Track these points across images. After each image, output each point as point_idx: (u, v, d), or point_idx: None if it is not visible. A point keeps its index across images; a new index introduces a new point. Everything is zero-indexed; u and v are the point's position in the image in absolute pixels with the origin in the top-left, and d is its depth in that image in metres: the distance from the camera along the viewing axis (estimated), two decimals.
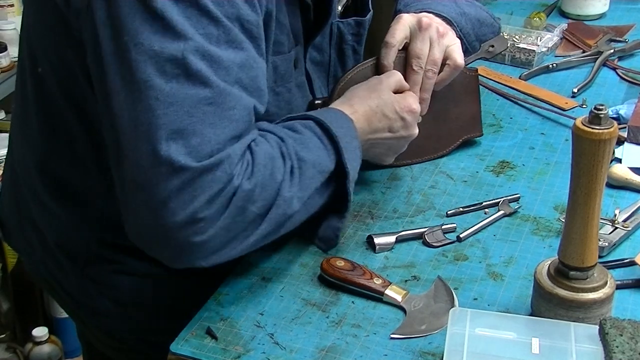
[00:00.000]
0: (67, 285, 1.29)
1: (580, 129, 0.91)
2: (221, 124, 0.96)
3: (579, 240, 0.95)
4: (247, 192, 0.98)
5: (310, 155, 1.08)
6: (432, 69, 1.26)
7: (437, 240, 1.18)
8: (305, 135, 1.10)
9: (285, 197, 1.03)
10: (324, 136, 1.11)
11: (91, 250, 1.23)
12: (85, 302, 1.29)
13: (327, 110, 1.19)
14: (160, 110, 0.94)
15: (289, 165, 1.05)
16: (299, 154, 1.07)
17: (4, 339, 2.54)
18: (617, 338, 0.89)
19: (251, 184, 0.99)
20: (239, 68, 0.98)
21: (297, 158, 1.06)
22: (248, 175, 0.99)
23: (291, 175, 1.04)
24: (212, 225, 0.97)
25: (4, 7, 2.81)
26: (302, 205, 1.06)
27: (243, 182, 0.98)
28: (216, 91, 0.96)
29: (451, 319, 0.95)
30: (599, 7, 1.96)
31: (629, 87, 1.63)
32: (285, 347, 1.00)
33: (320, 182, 1.09)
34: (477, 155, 1.40)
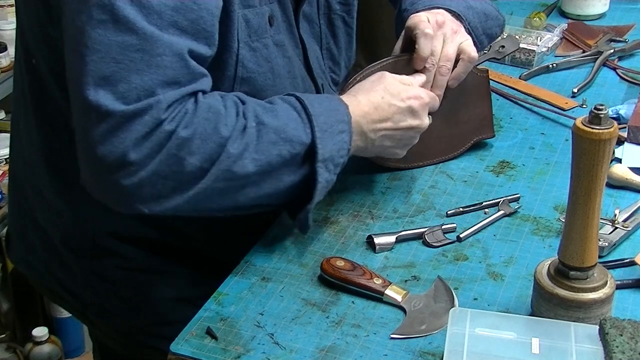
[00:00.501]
0: (72, 286, 1.30)
1: (580, 129, 0.91)
2: (149, 71, 0.97)
3: (579, 240, 0.95)
4: (182, 140, 0.99)
5: (274, 121, 1.07)
6: (445, 65, 1.26)
7: (437, 240, 1.18)
8: (277, 105, 1.10)
9: (231, 153, 1.02)
10: (303, 111, 1.10)
11: (97, 244, 1.24)
12: (92, 302, 1.30)
13: (320, 94, 1.20)
14: (88, 57, 0.96)
15: (241, 124, 1.04)
16: (259, 117, 1.06)
17: (4, 339, 2.54)
18: (617, 338, 0.89)
19: (188, 133, 0.99)
20: (174, 11, 0.98)
21: (256, 121, 1.06)
22: (185, 124, 0.99)
23: (242, 133, 1.04)
24: (142, 169, 0.98)
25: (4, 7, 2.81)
26: (258, 169, 1.05)
27: (178, 129, 0.99)
28: (143, 37, 0.97)
29: (451, 319, 0.95)
30: (599, 7, 1.96)
31: (629, 87, 1.63)
32: (285, 347, 1.00)
33: (288, 152, 1.08)
34: (477, 155, 1.40)
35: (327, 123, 1.11)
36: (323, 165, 1.10)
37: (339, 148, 1.12)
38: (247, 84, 1.15)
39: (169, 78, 0.99)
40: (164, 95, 0.98)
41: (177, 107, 1.00)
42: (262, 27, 1.15)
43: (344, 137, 1.13)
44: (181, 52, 0.99)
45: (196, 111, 1.01)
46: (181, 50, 0.99)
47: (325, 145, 1.10)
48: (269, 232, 1.21)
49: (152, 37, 0.97)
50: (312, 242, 1.19)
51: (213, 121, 1.02)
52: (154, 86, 0.97)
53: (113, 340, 1.38)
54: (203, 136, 1.01)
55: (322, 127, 1.10)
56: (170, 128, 0.98)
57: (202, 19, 1.01)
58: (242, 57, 1.13)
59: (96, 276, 1.26)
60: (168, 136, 0.98)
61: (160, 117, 0.97)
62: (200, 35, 1.02)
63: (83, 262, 1.26)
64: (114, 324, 1.32)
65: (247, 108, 1.07)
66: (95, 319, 1.35)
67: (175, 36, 0.99)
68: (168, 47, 0.98)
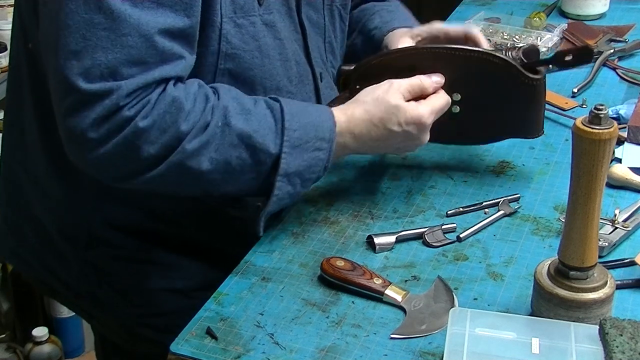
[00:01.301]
0: (66, 276, 1.30)
1: (580, 129, 0.91)
2: (113, 50, 1.00)
3: (579, 240, 0.95)
4: (139, 129, 1.02)
5: (242, 125, 1.08)
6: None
7: (437, 240, 1.18)
8: (257, 108, 1.11)
9: (186, 149, 1.05)
10: (280, 121, 1.11)
11: (92, 233, 1.25)
12: (87, 292, 1.30)
13: (311, 105, 1.18)
14: (60, 31, 1.00)
15: (204, 121, 1.06)
16: (228, 117, 1.08)
17: (4, 339, 2.54)
18: (617, 338, 0.89)
19: (146, 123, 1.02)
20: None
21: (223, 121, 1.07)
22: (145, 114, 1.03)
23: (202, 131, 1.06)
24: (101, 147, 1.03)
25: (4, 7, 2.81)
26: (214, 168, 1.08)
27: (137, 118, 1.02)
28: (110, 17, 0.99)
29: (451, 319, 0.95)
30: (599, 7, 1.96)
31: (629, 87, 1.63)
32: (285, 347, 1.00)
33: (249, 157, 1.09)
34: (477, 155, 1.40)
35: (301, 139, 1.11)
36: (285, 179, 1.11)
37: (310, 165, 1.13)
38: (232, 60, 1.15)
39: (134, 58, 1.01)
40: (127, 79, 1.01)
41: (141, 95, 1.02)
42: (248, 4, 1.15)
43: (319, 155, 1.13)
44: (148, 33, 1.01)
45: (158, 102, 1.03)
46: (149, 30, 1.01)
47: (292, 161, 1.11)
48: (269, 232, 1.21)
49: (119, 17, 0.99)
50: (312, 242, 1.19)
51: (174, 114, 1.04)
52: (117, 65, 1.00)
53: (109, 330, 1.39)
54: (161, 128, 1.04)
55: (294, 143, 1.11)
56: (129, 114, 1.02)
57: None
58: (226, 32, 1.13)
59: (90, 266, 1.27)
60: (126, 122, 1.02)
61: (119, 102, 1.01)
62: (177, 7, 1.03)
63: (78, 251, 1.27)
64: (108, 314, 1.33)
65: (218, 105, 1.08)
66: (91, 309, 1.36)
67: (149, 10, 1.01)
68: (135, 27, 1.00)
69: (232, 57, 1.15)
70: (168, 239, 1.27)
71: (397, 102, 1.17)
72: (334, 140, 1.15)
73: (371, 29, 1.41)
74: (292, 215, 1.24)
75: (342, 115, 1.17)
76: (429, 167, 1.36)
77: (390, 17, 1.42)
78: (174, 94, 1.04)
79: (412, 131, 1.18)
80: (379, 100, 1.17)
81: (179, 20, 1.04)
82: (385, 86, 1.19)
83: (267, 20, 1.18)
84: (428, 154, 1.40)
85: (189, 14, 1.05)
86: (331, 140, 1.14)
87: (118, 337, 1.39)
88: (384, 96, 1.17)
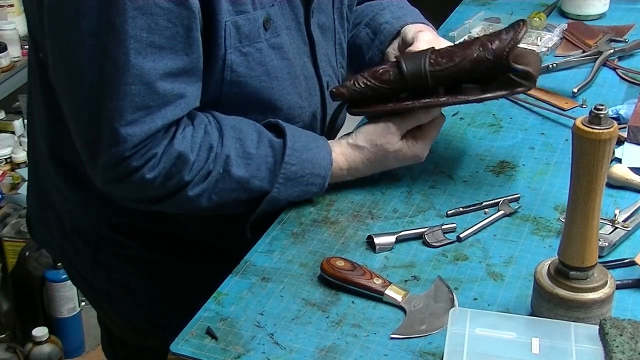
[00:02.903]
0: (82, 269, 1.36)
1: (580, 129, 0.91)
2: (118, 96, 1.06)
3: (579, 240, 0.95)
4: (147, 180, 1.11)
5: (241, 172, 1.15)
6: None
7: (437, 240, 1.18)
8: (258, 151, 1.16)
9: (189, 195, 1.14)
10: (280, 159, 1.17)
11: (101, 232, 1.29)
12: (99, 287, 1.36)
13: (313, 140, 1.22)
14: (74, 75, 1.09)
15: (206, 170, 1.13)
16: (229, 164, 1.14)
17: (4, 339, 2.54)
18: (617, 338, 0.89)
19: (152, 175, 1.11)
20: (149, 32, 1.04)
21: (224, 168, 1.14)
22: (152, 166, 1.10)
23: (204, 179, 1.14)
24: (110, 185, 1.13)
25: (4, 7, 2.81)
26: (212, 205, 1.17)
27: (144, 170, 1.10)
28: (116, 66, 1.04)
29: (451, 319, 0.95)
30: (599, 7, 1.96)
31: (629, 87, 1.63)
32: (285, 347, 1.00)
33: (246, 197, 1.18)
34: (477, 155, 1.40)
35: (297, 173, 1.19)
36: (272, 201, 1.19)
37: (299, 195, 1.22)
38: (238, 86, 1.17)
39: (138, 105, 1.06)
40: (131, 129, 1.07)
41: (147, 146, 1.09)
42: (254, 32, 1.16)
43: (310, 189, 1.22)
44: (150, 81, 1.06)
45: (164, 156, 1.10)
46: (151, 78, 1.06)
47: (284, 191, 1.19)
48: (269, 232, 1.21)
49: (124, 67, 1.04)
50: (312, 242, 1.19)
51: (179, 166, 1.11)
52: (123, 111, 1.06)
53: (118, 326, 1.42)
54: (167, 177, 1.11)
55: (290, 176, 1.18)
56: (137, 165, 1.09)
57: (177, 35, 1.07)
58: (231, 62, 1.15)
59: (100, 263, 1.32)
60: (133, 171, 1.10)
61: (124, 153, 1.08)
62: (177, 47, 1.07)
63: (89, 248, 1.31)
64: (117, 310, 1.38)
65: (221, 154, 1.14)
66: (102, 303, 1.41)
67: (152, 56, 1.05)
68: (138, 76, 1.05)
69: (237, 84, 1.17)
70: (173, 241, 1.29)
71: (394, 147, 1.25)
72: (328, 178, 1.23)
73: (382, 22, 1.42)
74: (292, 215, 1.25)
75: (342, 157, 1.25)
76: (429, 167, 1.36)
77: (402, 12, 1.44)
78: (180, 148, 1.11)
79: (410, 162, 1.28)
80: (378, 147, 1.25)
81: (179, 60, 1.08)
82: (383, 132, 1.25)
83: (274, 43, 1.20)
84: (428, 154, 1.40)
85: (188, 52, 1.09)
86: (325, 177, 1.22)
87: (125, 334, 1.42)
88: (382, 144, 1.25)
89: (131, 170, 1.09)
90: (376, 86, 1.23)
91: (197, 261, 1.31)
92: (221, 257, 1.22)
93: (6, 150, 2.85)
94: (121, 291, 1.33)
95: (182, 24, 1.06)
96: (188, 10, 1.06)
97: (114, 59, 1.04)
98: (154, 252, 1.30)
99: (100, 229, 1.29)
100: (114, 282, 1.33)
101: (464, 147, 1.42)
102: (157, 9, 1.04)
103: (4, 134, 2.94)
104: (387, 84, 1.23)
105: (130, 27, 1.02)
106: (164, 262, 1.30)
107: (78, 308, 2.53)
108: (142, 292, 1.32)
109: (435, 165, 1.37)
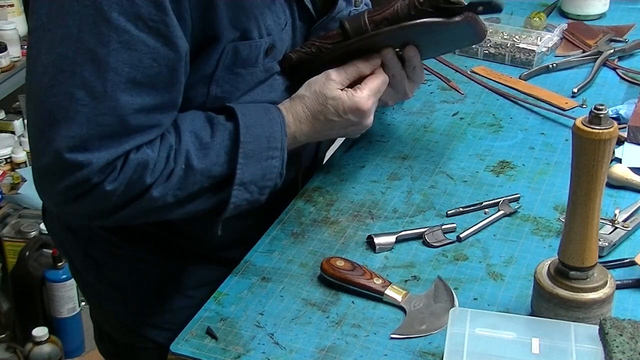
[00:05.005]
0: (77, 264, 1.36)
1: (580, 129, 0.91)
2: (88, 125, 1.02)
3: (579, 240, 0.95)
4: (107, 192, 1.06)
5: (202, 163, 1.11)
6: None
7: (437, 240, 1.18)
8: (214, 140, 1.12)
9: (153, 196, 1.08)
10: (235, 139, 1.13)
11: (91, 230, 1.30)
12: (90, 283, 1.36)
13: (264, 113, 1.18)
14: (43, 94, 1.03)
15: (168, 169, 1.09)
16: (190, 161, 1.10)
17: (4, 339, 2.54)
18: (617, 338, 0.89)
19: (113, 186, 1.05)
20: (131, 68, 1.02)
21: (185, 163, 1.10)
22: (112, 179, 1.05)
23: (167, 178, 1.09)
24: (68, 205, 1.08)
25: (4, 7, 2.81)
26: (178, 200, 1.11)
27: (105, 183, 1.05)
28: (91, 95, 1.01)
29: (451, 319, 0.95)
30: (599, 7, 1.96)
31: (629, 87, 1.63)
32: (285, 347, 1.00)
33: (209, 184, 1.13)
34: (477, 155, 1.40)
35: (255, 150, 1.14)
36: (242, 187, 1.14)
37: (264, 173, 1.16)
38: (221, 101, 1.16)
39: (106, 134, 1.03)
40: (98, 153, 1.03)
41: (108, 167, 1.05)
42: (252, 58, 1.15)
43: (273, 163, 1.16)
44: (124, 114, 1.03)
45: (124, 167, 1.06)
46: (125, 112, 1.03)
47: (247, 170, 1.14)
48: (269, 232, 1.21)
49: (98, 97, 1.01)
50: (312, 242, 1.19)
51: (139, 173, 1.07)
52: (90, 139, 1.02)
53: (108, 324, 1.42)
54: (128, 185, 1.07)
55: (248, 154, 1.13)
56: (97, 181, 1.05)
57: (160, 74, 1.04)
58: (219, 78, 1.14)
59: (90, 259, 1.32)
60: (94, 188, 1.05)
61: (89, 177, 1.03)
62: (158, 87, 1.05)
63: (80, 244, 1.32)
64: (106, 307, 1.38)
65: (180, 150, 1.10)
66: (93, 299, 1.42)
67: (130, 91, 1.03)
68: (112, 108, 1.02)
69: (220, 99, 1.16)
70: (161, 238, 1.29)
71: (333, 93, 1.20)
72: (285, 148, 1.18)
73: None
74: (292, 215, 1.25)
75: (289, 114, 1.20)
76: (429, 167, 1.36)
77: None
78: (138, 157, 1.07)
79: (352, 118, 1.21)
80: (317, 93, 1.20)
81: (158, 97, 1.06)
82: (322, 78, 1.21)
83: (269, 67, 1.19)
84: (428, 153, 1.40)
85: (170, 90, 1.07)
86: (283, 149, 1.17)
87: (113, 330, 1.42)
88: (321, 89, 1.20)
89: (91, 187, 1.05)
90: (321, 44, 1.22)
91: (187, 262, 1.30)
92: (212, 259, 1.22)
93: (6, 150, 2.85)
94: (110, 289, 1.33)
95: (167, 64, 1.04)
96: (175, 52, 1.04)
97: (90, 88, 1.01)
98: (144, 252, 1.29)
99: (90, 226, 1.29)
100: (103, 280, 1.33)
101: (464, 147, 1.42)
102: (143, 46, 1.02)
103: (4, 134, 2.94)
104: (330, 39, 1.23)
105: (112, 59, 1.00)
106: (153, 262, 1.30)
107: (78, 308, 2.53)
108: (131, 291, 1.32)
109: (435, 165, 1.37)
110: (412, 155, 1.39)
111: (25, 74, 1.10)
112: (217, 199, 1.14)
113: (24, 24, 2.89)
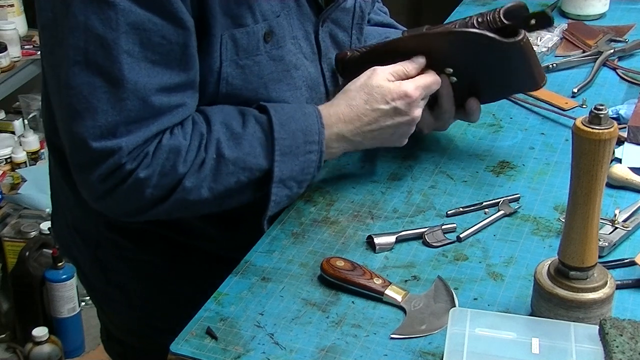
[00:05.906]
0: (84, 267, 1.37)
1: (580, 129, 0.91)
2: (112, 112, 1.04)
3: (579, 240, 0.95)
4: (141, 179, 1.08)
5: (234, 152, 1.12)
6: None
7: (437, 240, 1.18)
8: (246, 130, 1.13)
9: (186, 186, 1.10)
10: (269, 134, 1.14)
11: (100, 232, 1.30)
12: (98, 287, 1.37)
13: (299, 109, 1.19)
14: (63, 91, 1.05)
15: (200, 158, 1.10)
16: (221, 148, 1.11)
17: (4, 339, 2.54)
18: (617, 338, 0.89)
19: (146, 173, 1.08)
20: (142, 47, 1.03)
21: (217, 152, 1.11)
22: (145, 165, 1.08)
23: (200, 167, 1.11)
24: (108, 196, 1.10)
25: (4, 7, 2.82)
26: (215, 195, 1.13)
27: (138, 170, 1.08)
28: (109, 81, 1.03)
29: (451, 319, 0.95)
30: (599, 7, 1.96)
31: (629, 87, 1.63)
32: (285, 347, 1.00)
33: (246, 178, 1.14)
34: (477, 155, 1.40)
35: (291, 146, 1.15)
36: (281, 184, 1.15)
37: (302, 167, 1.17)
38: (234, 98, 1.17)
39: (132, 119, 1.05)
40: (127, 138, 1.05)
41: (139, 150, 1.07)
42: (253, 45, 1.15)
43: (310, 157, 1.17)
44: (145, 95, 1.05)
45: (156, 153, 1.08)
46: (146, 92, 1.05)
47: (285, 167, 1.15)
48: (269, 232, 1.21)
49: (118, 82, 1.03)
50: (312, 242, 1.19)
51: (172, 160, 1.09)
52: (117, 125, 1.04)
53: (116, 326, 1.42)
54: (161, 174, 1.09)
55: (285, 151, 1.14)
56: (131, 167, 1.07)
57: (172, 52, 1.06)
58: (227, 74, 1.14)
59: (99, 262, 1.32)
60: (128, 175, 1.07)
61: (121, 161, 1.05)
62: (172, 64, 1.07)
63: (89, 247, 1.32)
64: (113, 310, 1.39)
65: (211, 139, 1.11)
66: (101, 303, 1.42)
67: (146, 71, 1.04)
68: (132, 91, 1.04)
69: (232, 96, 1.17)
70: (170, 242, 1.29)
71: (379, 82, 1.20)
72: (323, 141, 1.18)
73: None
74: (292, 215, 1.25)
75: (329, 108, 1.20)
76: (429, 167, 1.36)
77: None
78: (171, 142, 1.09)
79: (400, 106, 1.20)
80: (363, 85, 1.21)
81: (175, 76, 1.07)
82: (368, 72, 1.22)
83: (275, 55, 1.18)
84: (428, 154, 1.40)
85: (184, 68, 1.08)
86: (320, 142, 1.17)
87: (121, 333, 1.42)
88: (367, 81, 1.21)
89: (125, 174, 1.07)
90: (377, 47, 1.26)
91: (194, 265, 1.31)
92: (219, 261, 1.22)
93: (6, 150, 2.85)
94: (117, 292, 1.33)
95: (177, 41, 1.05)
96: (182, 29, 1.05)
97: (107, 74, 1.03)
98: (152, 255, 1.30)
99: (99, 228, 1.29)
100: (111, 283, 1.33)
101: (464, 147, 1.42)
102: (151, 24, 1.03)
103: (4, 134, 2.94)
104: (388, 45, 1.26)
105: (123, 41, 1.01)
106: (161, 265, 1.30)
107: (78, 308, 2.53)
108: (139, 294, 1.33)
109: (435, 165, 1.37)
110: (412, 155, 1.39)
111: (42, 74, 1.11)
112: (255, 195, 1.16)
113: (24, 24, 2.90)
